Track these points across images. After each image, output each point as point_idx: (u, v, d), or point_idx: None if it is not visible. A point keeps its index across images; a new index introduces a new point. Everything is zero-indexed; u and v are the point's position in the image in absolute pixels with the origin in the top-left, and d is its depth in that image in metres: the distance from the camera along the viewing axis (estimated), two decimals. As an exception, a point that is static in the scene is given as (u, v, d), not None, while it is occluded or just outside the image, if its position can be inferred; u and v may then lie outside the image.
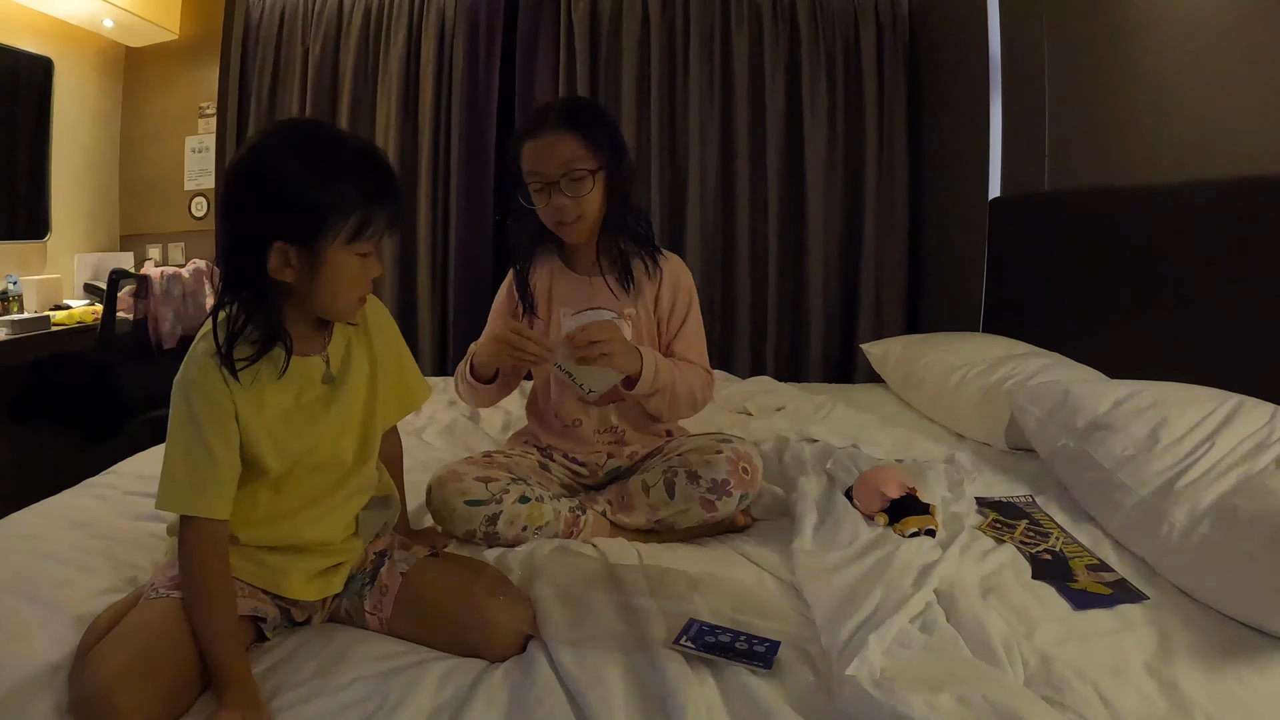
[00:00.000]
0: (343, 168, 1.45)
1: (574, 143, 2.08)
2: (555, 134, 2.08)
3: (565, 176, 2.09)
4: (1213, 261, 2.47)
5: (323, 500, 1.62)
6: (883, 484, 1.98)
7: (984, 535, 1.96)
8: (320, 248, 1.45)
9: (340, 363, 1.65)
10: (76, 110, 4.67)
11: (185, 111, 5.09)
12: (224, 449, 1.46)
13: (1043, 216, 3.48)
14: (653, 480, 2.05)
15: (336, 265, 1.48)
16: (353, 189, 1.45)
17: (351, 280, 1.52)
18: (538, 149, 2.10)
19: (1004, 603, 1.65)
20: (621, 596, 1.67)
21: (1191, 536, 1.73)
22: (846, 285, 4.71)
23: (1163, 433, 2.01)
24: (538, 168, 2.11)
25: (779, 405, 3.18)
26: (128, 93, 5.12)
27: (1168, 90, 2.77)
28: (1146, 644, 1.52)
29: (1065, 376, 2.73)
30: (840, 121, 4.64)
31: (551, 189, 2.11)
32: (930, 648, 1.41)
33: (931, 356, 3.28)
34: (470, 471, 2.02)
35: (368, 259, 1.53)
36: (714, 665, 1.43)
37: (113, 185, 5.11)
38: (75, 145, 4.67)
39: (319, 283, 1.48)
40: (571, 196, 2.11)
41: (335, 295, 1.52)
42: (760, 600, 1.69)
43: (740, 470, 2.00)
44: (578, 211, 2.13)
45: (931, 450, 2.59)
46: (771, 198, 4.63)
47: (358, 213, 1.46)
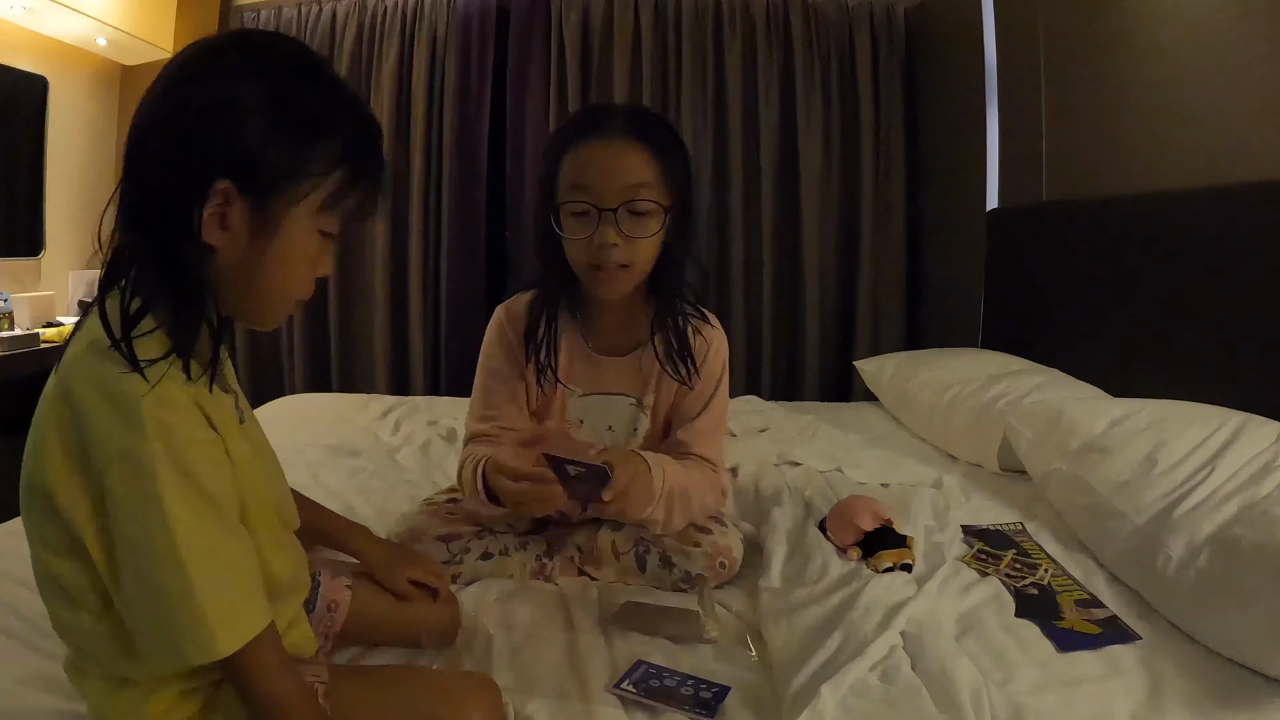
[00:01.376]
0: (329, 109, 1.06)
1: (645, 161, 1.63)
2: (623, 143, 1.63)
3: (626, 205, 1.62)
4: (1217, 271, 2.37)
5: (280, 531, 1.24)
6: (857, 515, 1.86)
7: (967, 568, 1.84)
8: (276, 208, 1.03)
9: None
10: (71, 128, 4.68)
11: None
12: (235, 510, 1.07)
13: (1041, 228, 3.41)
14: (624, 546, 1.88)
15: (292, 237, 1.06)
16: (338, 140, 1.06)
17: (305, 264, 1.10)
18: (596, 159, 1.62)
19: (981, 644, 1.53)
20: (571, 634, 1.59)
21: (1189, 569, 1.61)
22: (843, 300, 4.62)
23: (1161, 455, 1.90)
24: (592, 183, 1.62)
25: (763, 427, 3.05)
26: (123, 110, 5.12)
27: (1167, 97, 2.69)
28: (1135, 691, 1.40)
29: (1061, 394, 2.63)
30: (835, 133, 4.55)
31: (602, 217, 1.62)
32: (889, 700, 1.28)
33: (925, 374, 3.19)
34: (430, 529, 1.87)
35: (326, 244, 1.12)
36: (654, 712, 1.32)
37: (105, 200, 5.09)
38: (70, 163, 4.69)
39: (261, 257, 1.05)
40: (628, 236, 1.64)
41: (279, 280, 1.09)
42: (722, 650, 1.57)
43: (718, 565, 1.81)
44: (628, 257, 1.65)
45: (918, 473, 2.48)
46: (765, 211, 4.54)
47: (340, 172, 1.07)
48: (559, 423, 1.88)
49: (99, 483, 0.96)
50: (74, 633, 1.08)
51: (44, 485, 1.00)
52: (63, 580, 1.04)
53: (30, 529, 1.05)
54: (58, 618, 1.08)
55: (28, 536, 1.06)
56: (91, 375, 0.99)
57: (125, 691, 1.08)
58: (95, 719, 1.12)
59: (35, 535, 1.05)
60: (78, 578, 1.03)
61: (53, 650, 1.34)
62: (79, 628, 1.06)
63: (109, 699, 1.10)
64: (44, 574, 1.06)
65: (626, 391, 1.87)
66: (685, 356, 1.81)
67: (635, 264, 1.67)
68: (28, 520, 1.05)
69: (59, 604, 1.07)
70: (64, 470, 0.99)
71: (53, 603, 1.08)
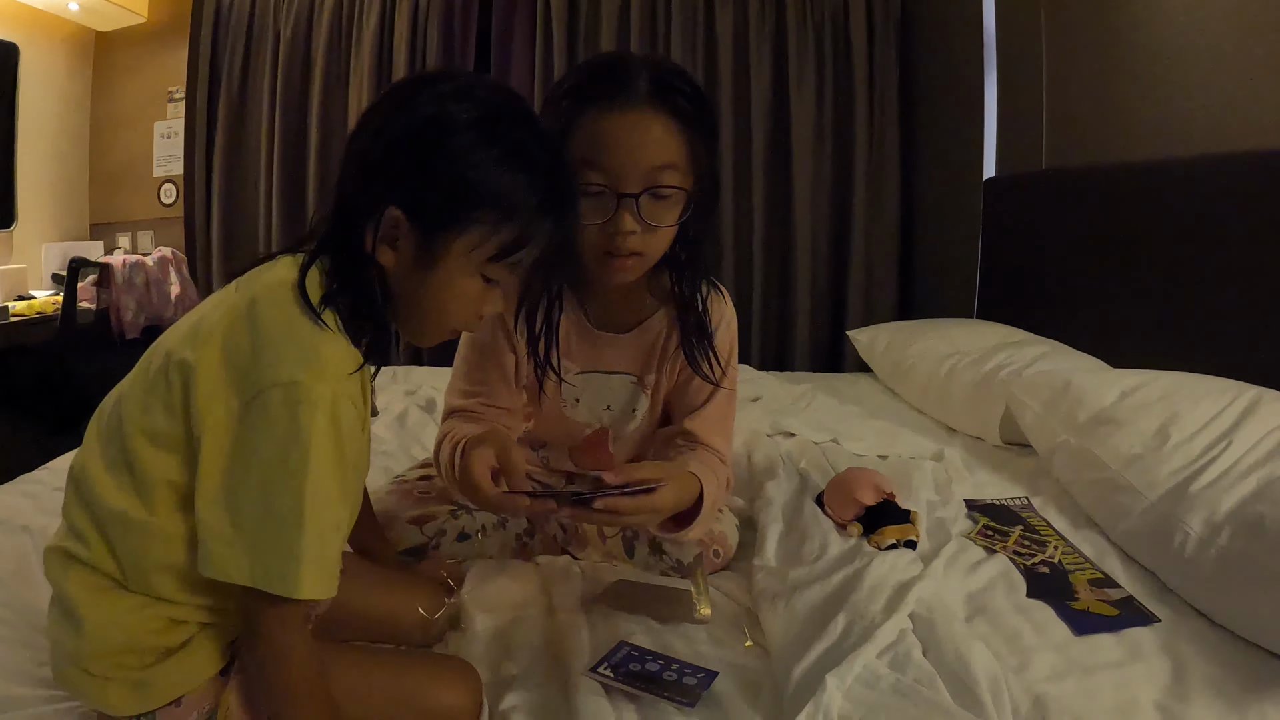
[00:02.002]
0: (527, 159, 1.10)
1: (672, 137, 1.40)
2: (649, 116, 1.38)
3: (649, 191, 1.40)
4: (1223, 241, 2.29)
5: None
6: (857, 489, 1.75)
7: (973, 544, 1.75)
8: (442, 242, 1.08)
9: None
10: (44, 96, 4.60)
11: (154, 96, 5.06)
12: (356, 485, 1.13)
13: (1040, 196, 3.32)
14: (610, 530, 1.76)
15: (451, 275, 1.11)
16: (526, 190, 1.09)
17: (462, 303, 1.15)
18: (617, 134, 1.38)
19: (993, 627, 1.44)
20: (552, 615, 1.49)
21: (1209, 548, 1.52)
22: (835, 270, 4.53)
23: (1174, 429, 1.81)
24: (610, 163, 1.38)
25: (755, 396, 2.95)
26: (97, 78, 5.03)
27: (1171, 62, 2.61)
28: (1158, 677, 1.31)
29: (1065, 366, 2.54)
30: (829, 101, 4.45)
31: (621, 202, 1.40)
32: (901, 690, 1.18)
33: (922, 344, 3.10)
34: (403, 511, 1.73)
35: (491, 288, 1.16)
36: (636, 697, 1.22)
37: (82, 173, 5.07)
38: (42, 132, 4.61)
39: (420, 287, 1.12)
40: (648, 224, 1.42)
41: (434, 313, 1.16)
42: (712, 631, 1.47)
43: (711, 555, 1.70)
44: (644, 246, 1.45)
45: (919, 445, 2.37)
46: (756, 180, 4.44)
47: (516, 222, 1.09)
48: (553, 401, 1.73)
49: (250, 400, 1.00)
50: (117, 522, 1.07)
51: (185, 377, 1.04)
52: (146, 469, 1.06)
53: (138, 412, 1.07)
54: (101, 503, 1.08)
55: (126, 418, 1.08)
56: (285, 310, 1.05)
57: (122, 596, 1.08)
58: (67, 613, 1.09)
59: (140, 422, 1.07)
60: (167, 471, 1.05)
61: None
62: (130, 518, 1.06)
63: (98, 596, 1.08)
64: (119, 459, 1.08)
65: (627, 370, 1.71)
66: (707, 347, 1.64)
67: (649, 252, 1.46)
68: (144, 403, 1.07)
69: (119, 490, 1.07)
70: (218, 374, 1.03)
71: (108, 490, 1.08)
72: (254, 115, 4.72)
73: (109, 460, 1.09)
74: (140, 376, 1.11)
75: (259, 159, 4.69)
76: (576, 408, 1.74)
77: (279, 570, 1.00)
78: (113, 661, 1.07)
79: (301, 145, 4.63)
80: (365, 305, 1.11)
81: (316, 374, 1.01)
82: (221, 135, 4.71)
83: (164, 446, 1.05)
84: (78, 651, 1.08)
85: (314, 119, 4.58)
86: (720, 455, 1.68)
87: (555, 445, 1.82)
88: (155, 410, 1.06)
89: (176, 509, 1.06)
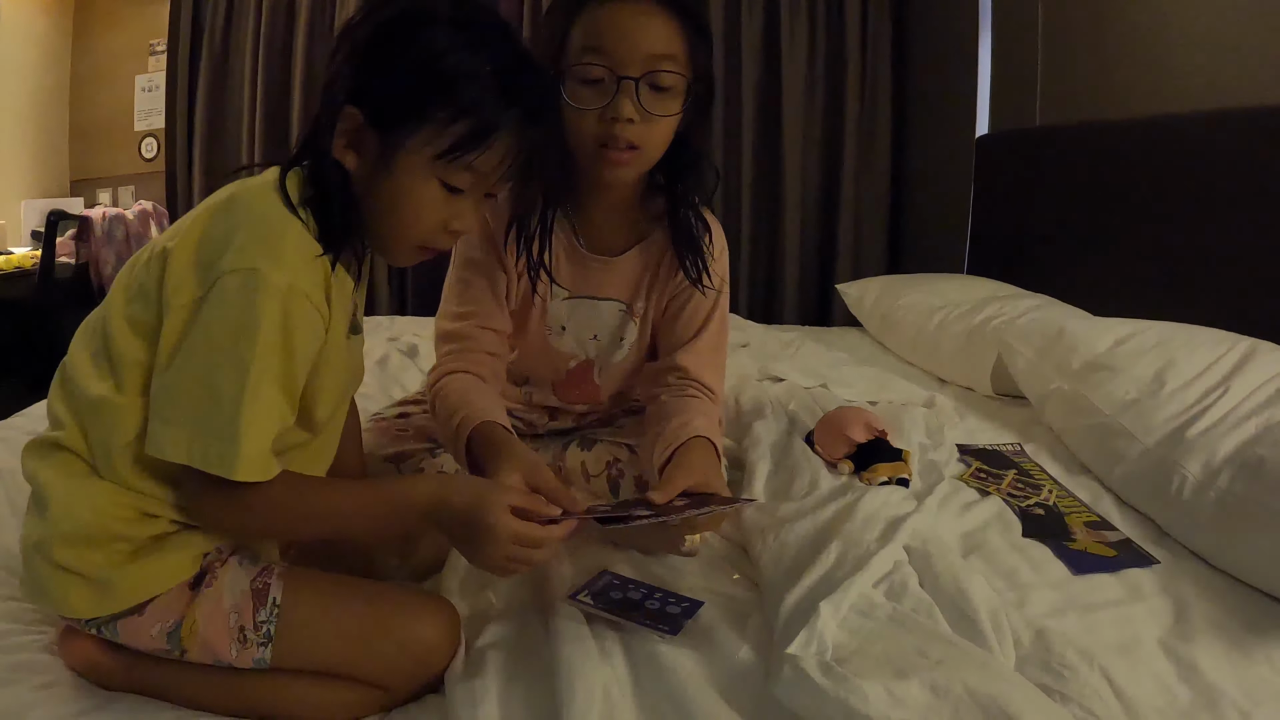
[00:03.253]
0: (484, 53, 1.07)
1: (673, 31, 1.41)
2: (651, 6, 1.40)
3: (647, 77, 1.39)
4: (1215, 198, 2.27)
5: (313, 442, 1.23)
6: (848, 426, 1.71)
7: (966, 486, 1.71)
8: (394, 142, 1.06)
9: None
10: (22, 50, 4.51)
11: (135, 49, 4.97)
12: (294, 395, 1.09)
13: (1033, 153, 3.28)
14: (595, 469, 1.70)
15: (407, 180, 1.09)
16: (482, 85, 1.06)
17: (423, 210, 1.11)
18: (619, 20, 1.38)
19: (990, 564, 1.40)
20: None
21: (1208, 492, 1.48)
22: (824, 225, 4.47)
23: (1170, 375, 1.78)
24: (611, 46, 1.38)
25: (743, 343, 2.90)
26: (77, 30, 4.92)
27: (1169, 18, 2.57)
28: (1160, 617, 1.28)
29: (1059, 314, 2.50)
30: (821, 53, 4.36)
31: (621, 86, 1.38)
32: (898, 619, 1.13)
33: (911, 297, 3.05)
34: (380, 449, 1.67)
35: (457, 197, 1.12)
36: (617, 625, 1.18)
37: (62, 128, 4.98)
38: (21, 87, 4.53)
39: (381, 192, 1.10)
40: (647, 112, 1.40)
41: (396, 221, 1.12)
42: (699, 559, 1.43)
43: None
44: (642, 138, 1.42)
45: (909, 392, 2.33)
46: (746, 133, 4.37)
47: (468, 119, 1.05)
48: (538, 330, 1.66)
49: (211, 284, 1.00)
50: (92, 408, 1.07)
51: (163, 264, 1.05)
52: (121, 352, 1.06)
53: (122, 301, 1.09)
54: (80, 390, 1.09)
55: (112, 307, 1.09)
56: (261, 202, 1.06)
57: (93, 480, 1.07)
58: (38, 500, 1.09)
59: (124, 310, 1.08)
60: (138, 355, 1.06)
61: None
62: (105, 401, 1.06)
63: (69, 479, 1.08)
64: (101, 347, 1.09)
65: (617, 296, 1.65)
66: (698, 253, 1.60)
67: (647, 147, 1.43)
68: (127, 293, 1.09)
69: (98, 378, 1.08)
70: (189, 261, 1.03)
71: (88, 377, 1.09)
72: (237, 68, 4.59)
73: (92, 351, 1.10)
74: (128, 269, 1.12)
75: (241, 112, 4.56)
76: (562, 337, 1.67)
77: (216, 450, 1.00)
78: (78, 553, 1.05)
79: (285, 98, 4.51)
80: (335, 214, 1.09)
81: (275, 262, 1.01)
82: (204, 88, 4.58)
83: (140, 333, 1.06)
84: (44, 538, 1.06)
85: (298, 72, 4.46)
86: (712, 394, 1.63)
87: (538, 380, 1.75)
88: (136, 299, 1.06)
89: (142, 391, 1.06)
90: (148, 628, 1.07)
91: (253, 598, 1.09)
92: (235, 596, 1.09)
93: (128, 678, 1.12)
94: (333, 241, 1.08)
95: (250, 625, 1.08)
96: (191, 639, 1.08)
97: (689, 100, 1.45)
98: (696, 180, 1.57)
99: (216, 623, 1.08)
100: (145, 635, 1.08)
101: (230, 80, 4.61)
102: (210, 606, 1.08)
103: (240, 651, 1.08)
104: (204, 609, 1.08)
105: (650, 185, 1.59)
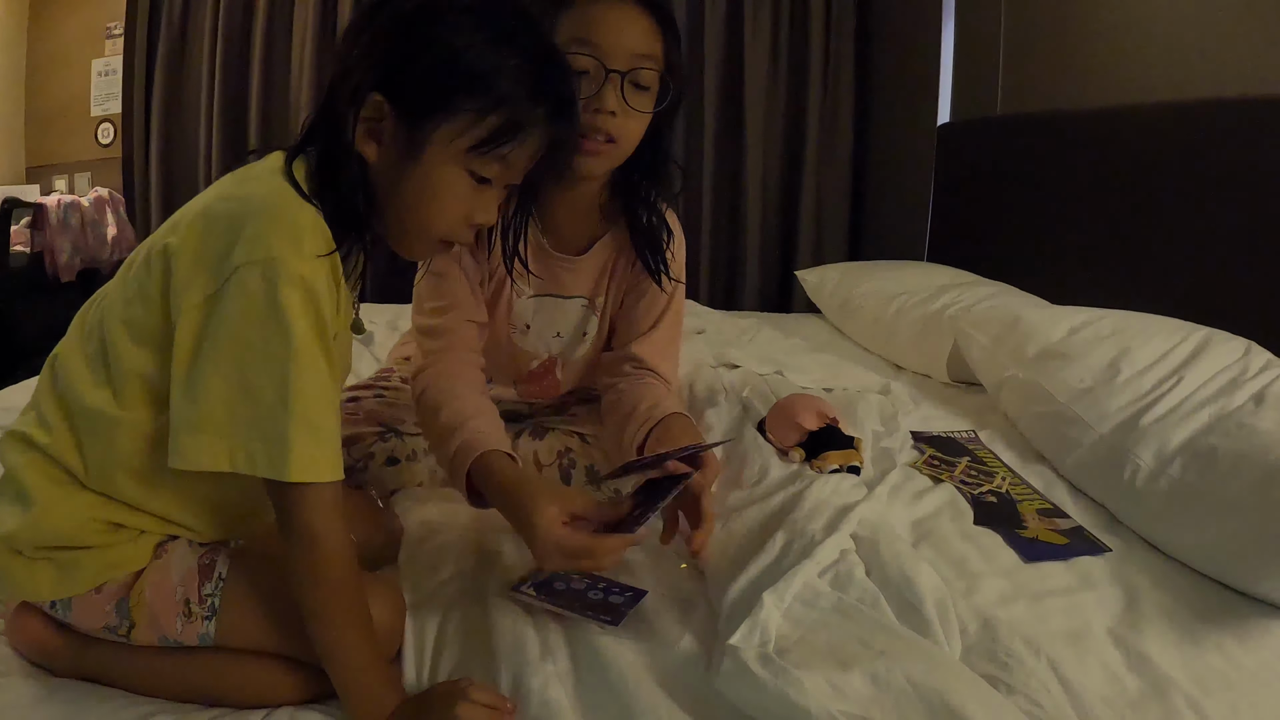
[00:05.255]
0: (516, 44, 1.06)
1: (654, 33, 1.46)
2: (636, 8, 1.45)
3: (631, 74, 1.42)
4: (1175, 188, 2.28)
5: None
6: (799, 413, 1.68)
7: (919, 473, 1.69)
8: (426, 130, 1.04)
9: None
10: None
11: (92, 33, 4.85)
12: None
13: (994, 142, 3.29)
14: (546, 458, 1.70)
15: (436, 171, 1.06)
16: (515, 77, 1.04)
17: (449, 202, 1.09)
18: (608, 16, 1.43)
19: (939, 553, 1.39)
20: (479, 538, 1.43)
21: (1160, 480, 1.49)
22: (786, 212, 4.45)
23: (1124, 364, 1.77)
24: (601, 39, 1.41)
25: (699, 329, 2.88)
26: (32, 13, 4.82)
27: (1129, 8, 2.59)
28: (1110, 605, 1.28)
29: (1016, 301, 2.50)
30: (784, 41, 4.34)
31: (608, 78, 1.41)
32: (842, 609, 1.11)
33: (870, 284, 3.04)
34: None
35: (484, 190, 1.10)
36: (564, 619, 1.16)
37: (17, 113, 4.89)
38: None
39: (405, 182, 1.07)
40: (628, 106, 1.43)
41: (420, 214, 1.09)
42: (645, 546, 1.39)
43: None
44: (619, 131, 1.45)
45: (865, 379, 2.31)
46: (708, 119, 4.34)
47: (503, 111, 1.04)
48: (503, 328, 1.67)
49: (226, 279, 0.95)
50: (89, 419, 1.04)
51: (166, 262, 1.00)
52: (121, 363, 1.03)
53: (120, 304, 1.04)
54: (76, 397, 1.05)
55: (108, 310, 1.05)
56: (272, 185, 1.02)
57: (77, 492, 1.06)
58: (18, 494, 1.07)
59: (122, 314, 1.04)
60: (141, 365, 1.02)
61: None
62: (103, 414, 1.03)
63: (54, 487, 1.05)
64: (98, 353, 1.05)
65: (581, 293, 1.68)
66: (659, 254, 1.63)
67: (622, 141, 1.46)
68: (125, 295, 1.04)
69: (95, 387, 1.04)
70: (196, 255, 0.98)
71: (85, 385, 1.05)
72: (195, 52, 4.48)
73: (88, 354, 1.06)
74: (125, 269, 1.08)
75: (200, 97, 4.46)
76: (526, 335, 1.69)
77: (264, 454, 0.96)
78: (48, 552, 1.06)
79: (244, 84, 4.41)
80: (349, 206, 1.06)
81: (294, 249, 0.97)
82: (161, 72, 4.47)
83: (141, 340, 1.02)
84: (15, 533, 1.05)
85: (256, 56, 4.36)
86: (667, 382, 1.66)
87: (500, 378, 1.76)
88: (135, 301, 1.02)
89: (147, 405, 1.03)
90: (102, 604, 1.07)
91: (199, 572, 1.09)
92: (182, 572, 1.08)
93: (76, 662, 1.12)
94: (345, 233, 1.06)
95: (196, 599, 1.07)
96: (140, 610, 1.07)
97: (664, 101, 1.48)
98: (662, 181, 1.60)
99: (163, 594, 1.07)
100: (99, 612, 1.07)
101: (188, 64, 4.50)
102: (158, 577, 1.08)
103: (185, 626, 1.07)
104: (152, 578, 1.08)
105: (612, 185, 1.61)
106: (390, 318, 2.80)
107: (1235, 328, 1.86)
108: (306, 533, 1.00)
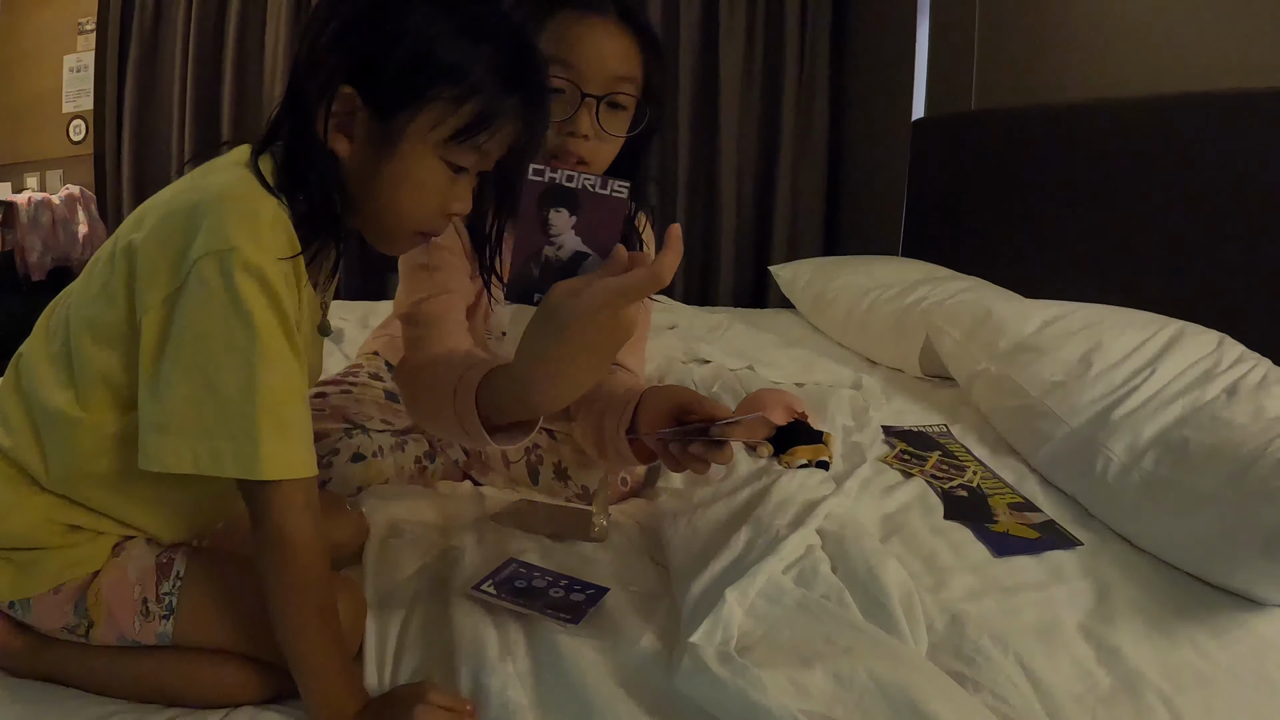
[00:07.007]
0: (487, 32, 1.03)
1: (634, 54, 1.42)
2: (617, 27, 1.40)
3: (609, 98, 1.39)
4: (1149, 183, 2.28)
5: None
6: (767, 408, 1.66)
7: (889, 468, 1.67)
8: (399, 123, 1.01)
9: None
10: None
11: (63, 28, 4.76)
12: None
13: (969, 138, 3.28)
14: (514, 454, 1.68)
15: (412, 162, 1.03)
16: (487, 64, 1.02)
17: (425, 194, 1.06)
18: (588, 36, 1.39)
19: (908, 548, 1.37)
20: (444, 536, 1.40)
21: (1132, 473, 1.48)
22: (760, 206, 4.45)
23: (1096, 357, 1.76)
24: (578, 61, 1.37)
25: (671, 324, 2.87)
26: (4, 8, 4.75)
27: (1103, 3, 2.59)
28: (1081, 600, 1.26)
29: (988, 295, 2.49)
30: (759, 37, 4.34)
31: (584, 102, 1.38)
32: (806, 606, 1.08)
33: (844, 279, 3.03)
34: None
35: (460, 179, 1.08)
36: (524, 618, 1.13)
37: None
38: None
39: (379, 177, 1.04)
40: (601, 130, 1.40)
41: (396, 208, 1.06)
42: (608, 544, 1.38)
43: (619, 482, 1.63)
44: (591, 155, 1.42)
45: (837, 373, 2.30)
46: (683, 114, 4.33)
47: (479, 99, 1.02)
48: (479, 333, 1.63)
49: (186, 274, 0.93)
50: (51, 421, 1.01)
51: (130, 259, 0.97)
52: (85, 365, 1.00)
53: (83, 304, 1.01)
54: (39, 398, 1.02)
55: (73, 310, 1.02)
56: (233, 175, 0.99)
57: (34, 494, 1.03)
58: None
59: (85, 313, 1.01)
60: (104, 366, 0.99)
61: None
62: (65, 416, 1.00)
63: (8, 486, 1.03)
64: (61, 354, 1.02)
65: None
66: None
67: (595, 163, 1.43)
68: (89, 294, 1.01)
69: (58, 387, 1.01)
70: (159, 251, 0.95)
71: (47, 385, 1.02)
72: (168, 48, 4.43)
73: (52, 354, 1.03)
74: (90, 268, 1.04)
75: (172, 93, 4.40)
76: (502, 342, 1.65)
77: (232, 452, 0.94)
78: (3, 548, 1.04)
79: (216, 80, 4.37)
80: (319, 203, 1.02)
81: (252, 238, 0.93)
82: (133, 69, 4.41)
83: (104, 341, 0.99)
84: None
85: (230, 52, 4.31)
86: (635, 377, 1.64)
87: None
88: (99, 300, 0.99)
89: (110, 407, 1.00)
90: (61, 604, 1.05)
91: (157, 570, 1.06)
92: (140, 570, 1.06)
93: (35, 663, 1.09)
94: (312, 231, 1.03)
95: (154, 598, 1.05)
96: (98, 609, 1.05)
97: (641, 122, 1.46)
98: (639, 199, 1.58)
99: (121, 593, 1.05)
100: (58, 612, 1.05)
101: (161, 60, 4.45)
102: (115, 575, 1.05)
103: (143, 625, 1.05)
104: (109, 577, 1.05)
105: None
106: (361, 315, 2.77)
107: (1208, 321, 1.86)
108: (277, 532, 0.98)
